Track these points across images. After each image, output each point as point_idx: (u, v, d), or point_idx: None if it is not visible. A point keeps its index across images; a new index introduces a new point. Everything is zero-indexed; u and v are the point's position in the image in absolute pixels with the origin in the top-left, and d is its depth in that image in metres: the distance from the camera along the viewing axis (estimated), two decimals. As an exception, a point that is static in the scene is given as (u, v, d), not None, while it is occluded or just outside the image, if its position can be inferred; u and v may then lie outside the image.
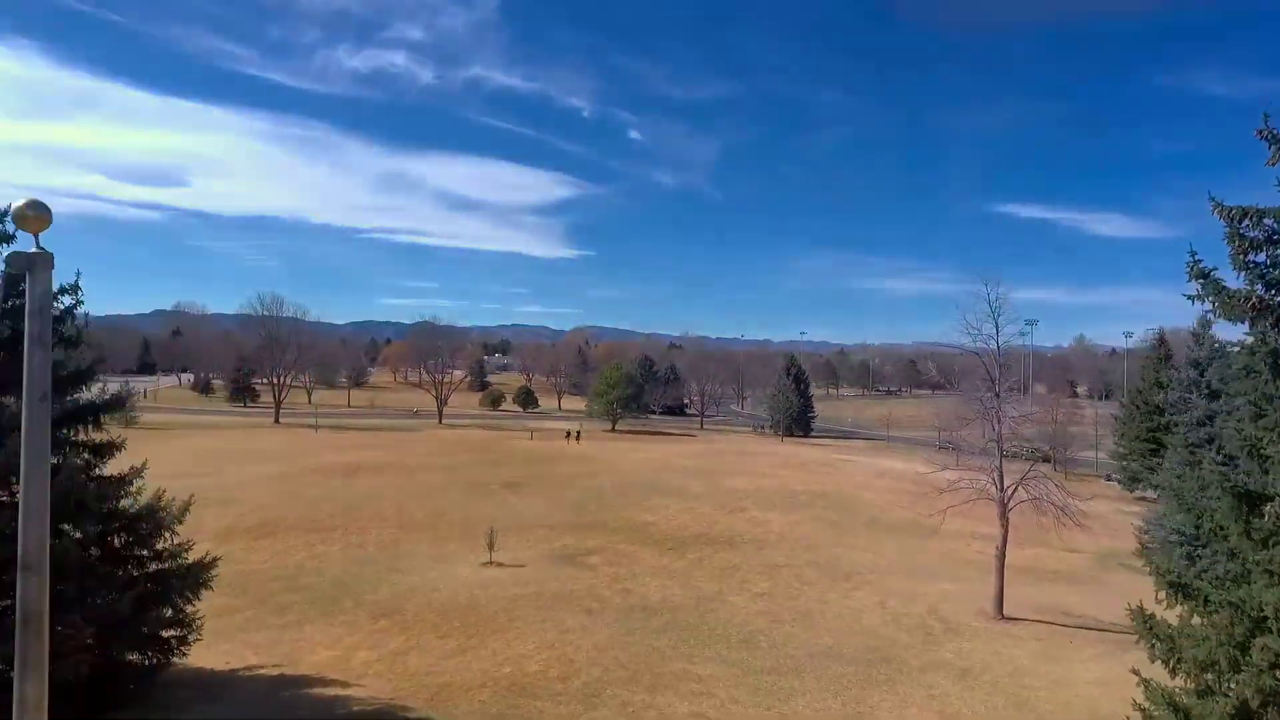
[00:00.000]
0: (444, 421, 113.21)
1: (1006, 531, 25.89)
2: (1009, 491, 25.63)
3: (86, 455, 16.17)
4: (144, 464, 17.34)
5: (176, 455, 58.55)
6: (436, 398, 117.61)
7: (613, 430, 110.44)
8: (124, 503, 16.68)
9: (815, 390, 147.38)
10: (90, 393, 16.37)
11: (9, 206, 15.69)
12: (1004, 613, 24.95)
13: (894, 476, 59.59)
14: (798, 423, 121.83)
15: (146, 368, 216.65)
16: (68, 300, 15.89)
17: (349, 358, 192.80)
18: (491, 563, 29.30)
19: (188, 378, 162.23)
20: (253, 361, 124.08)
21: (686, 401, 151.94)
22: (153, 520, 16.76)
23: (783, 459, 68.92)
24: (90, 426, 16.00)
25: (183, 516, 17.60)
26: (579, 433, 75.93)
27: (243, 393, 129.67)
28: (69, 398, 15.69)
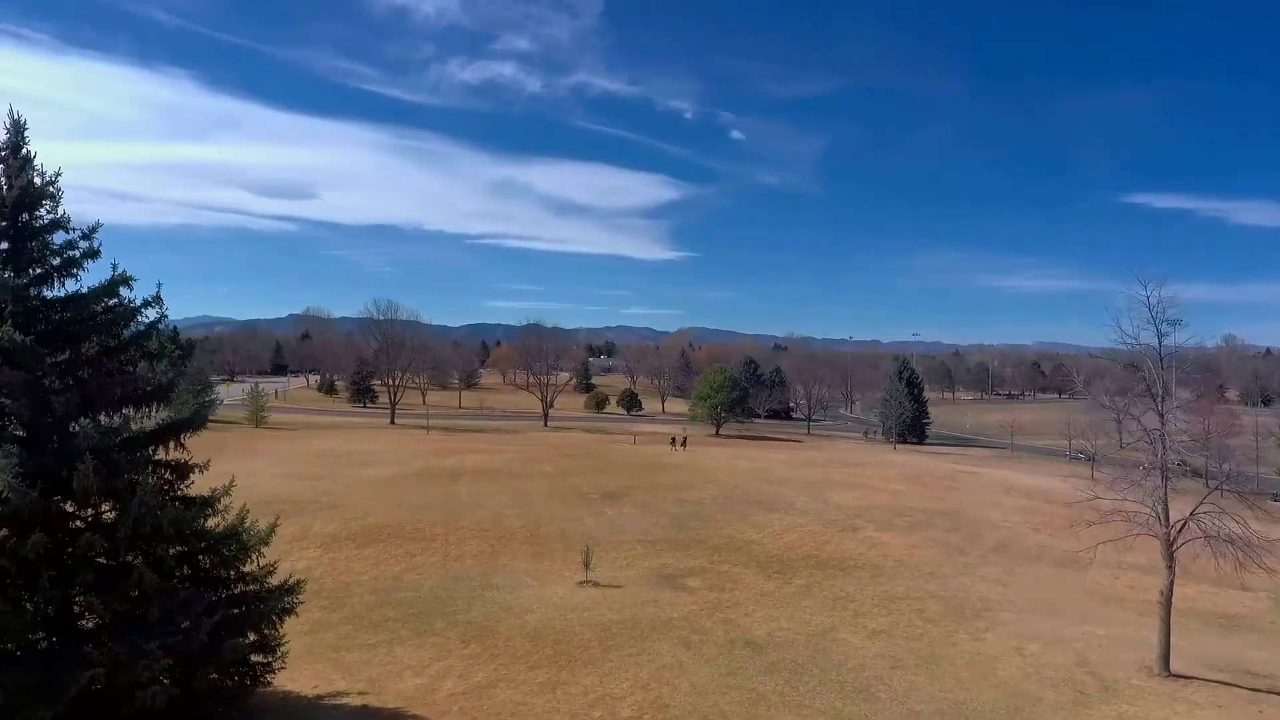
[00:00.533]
0: (549, 424, 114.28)
1: (1173, 575, 22.24)
2: (1176, 527, 22.03)
3: (168, 474, 15.72)
4: (230, 483, 16.81)
5: (298, 457, 61.00)
6: (542, 400, 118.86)
7: (716, 435, 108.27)
8: (210, 522, 16.17)
9: (929, 394, 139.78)
10: (172, 410, 15.90)
11: (98, 223, 15.48)
12: (1171, 669, 21.42)
13: (1023, 493, 54.83)
14: (911, 429, 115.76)
15: (279, 369, 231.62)
16: (152, 313, 15.47)
17: (461, 359, 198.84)
18: (587, 582, 28.02)
19: (314, 378, 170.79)
20: (371, 364, 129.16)
21: (792, 405, 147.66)
22: (237, 542, 16.19)
23: (897, 469, 64.92)
24: (172, 445, 15.52)
25: (269, 538, 16.99)
26: (684, 440, 74.19)
27: (362, 394, 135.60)
28: (147, 414, 15.26)
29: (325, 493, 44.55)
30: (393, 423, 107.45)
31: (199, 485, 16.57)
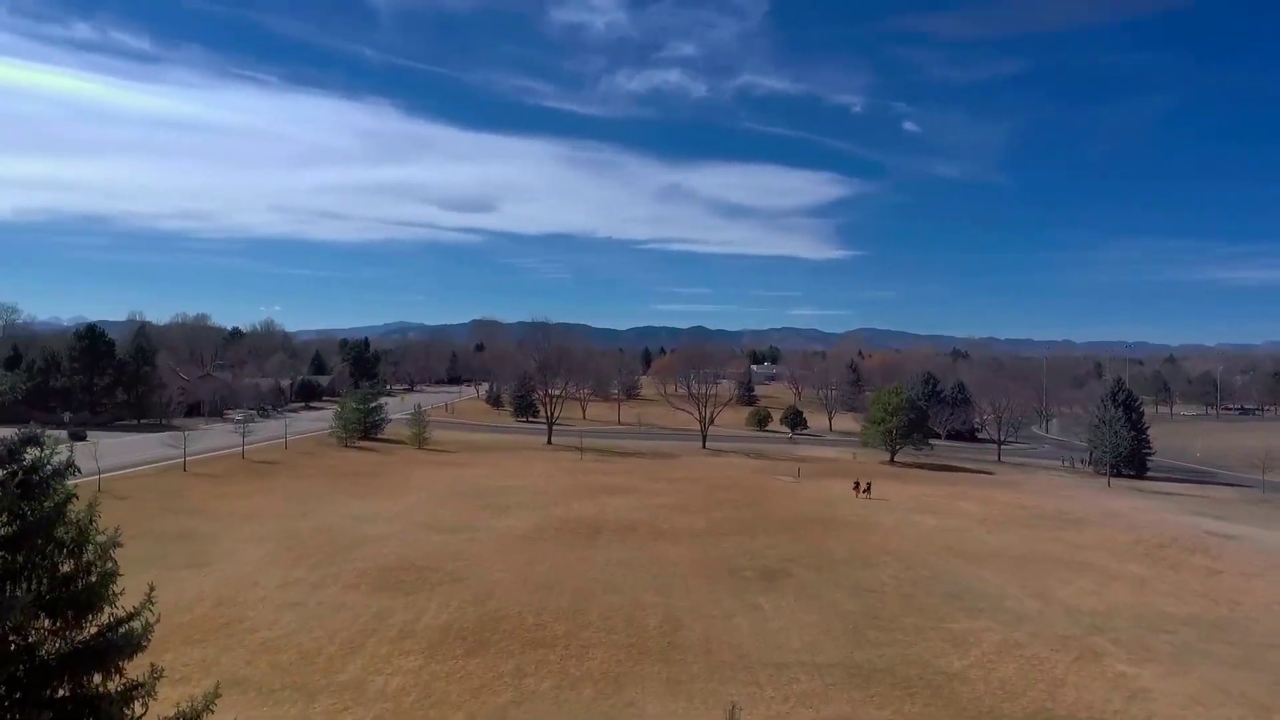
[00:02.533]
0: (707, 444, 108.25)
1: None
2: None
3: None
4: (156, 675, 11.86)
5: (444, 498, 58.69)
6: (701, 420, 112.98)
7: (891, 462, 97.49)
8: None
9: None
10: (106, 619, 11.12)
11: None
12: None
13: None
14: (1128, 461, 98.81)
15: (453, 379, 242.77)
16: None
17: (623, 365, 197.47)
18: (735, 743, 21.36)
19: (485, 389, 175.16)
20: (532, 378, 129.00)
21: (977, 425, 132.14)
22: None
23: (1129, 534, 52.76)
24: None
25: None
26: (869, 486, 64.72)
27: (524, 409, 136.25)
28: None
29: (455, 555, 40.84)
30: (549, 442, 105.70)
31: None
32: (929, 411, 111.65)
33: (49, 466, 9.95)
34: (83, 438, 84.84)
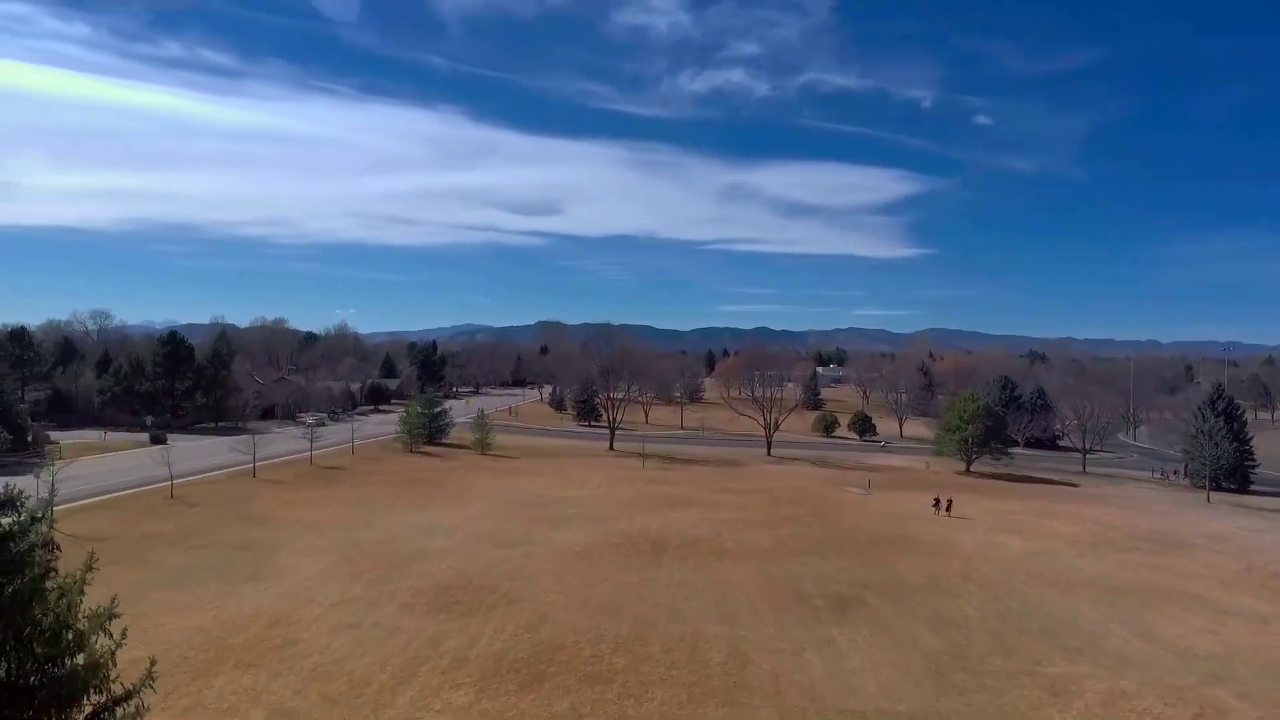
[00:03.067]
0: (772, 452, 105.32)
1: None
2: None
3: None
4: None
5: (503, 507, 57.88)
6: (765, 427, 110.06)
7: (967, 472, 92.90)
8: None
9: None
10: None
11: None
12: None
13: None
14: (1229, 473, 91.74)
15: (518, 382, 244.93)
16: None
17: (686, 367, 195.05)
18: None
19: (548, 392, 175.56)
20: (594, 382, 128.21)
21: (1058, 431, 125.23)
22: None
23: (1238, 559, 48.21)
24: None
25: None
26: (949, 504, 60.52)
27: (587, 413, 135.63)
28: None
29: (512, 573, 39.71)
30: (611, 448, 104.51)
31: None
32: (1007, 418, 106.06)
33: (27, 538, 8.70)
34: (163, 440, 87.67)
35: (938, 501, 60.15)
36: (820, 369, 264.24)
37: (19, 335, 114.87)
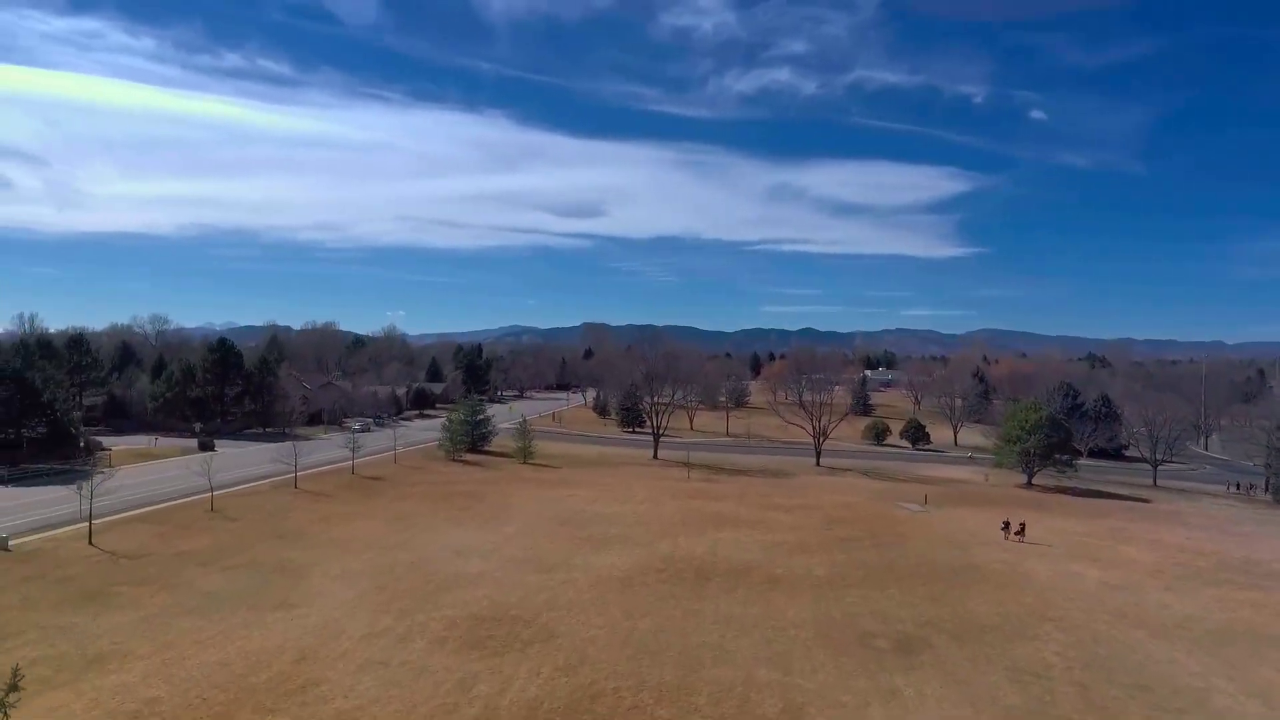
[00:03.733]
0: (821, 462, 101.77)
1: None
2: None
3: None
4: None
5: (543, 525, 55.92)
6: (814, 435, 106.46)
7: (1028, 485, 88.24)
8: None
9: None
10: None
11: None
12: None
13: None
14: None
15: (562, 386, 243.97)
16: None
17: (732, 371, 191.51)
18: None
19: (592, 396, 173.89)
20: (638, 387, 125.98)
21: (1125, 440, 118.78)
22: None
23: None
24: None
25: None
26: (1021, 528, 55.47)
27: (630, 419, 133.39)
28: None
29: (550, 603, 37.66)
30: (655, 457, 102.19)
31: None
32: (1071, 429, 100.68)
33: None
34: (211, 447, 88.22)
35: (1008, 525, 56.03)
36: (869, 372, 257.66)
37: (77, 341, 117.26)
